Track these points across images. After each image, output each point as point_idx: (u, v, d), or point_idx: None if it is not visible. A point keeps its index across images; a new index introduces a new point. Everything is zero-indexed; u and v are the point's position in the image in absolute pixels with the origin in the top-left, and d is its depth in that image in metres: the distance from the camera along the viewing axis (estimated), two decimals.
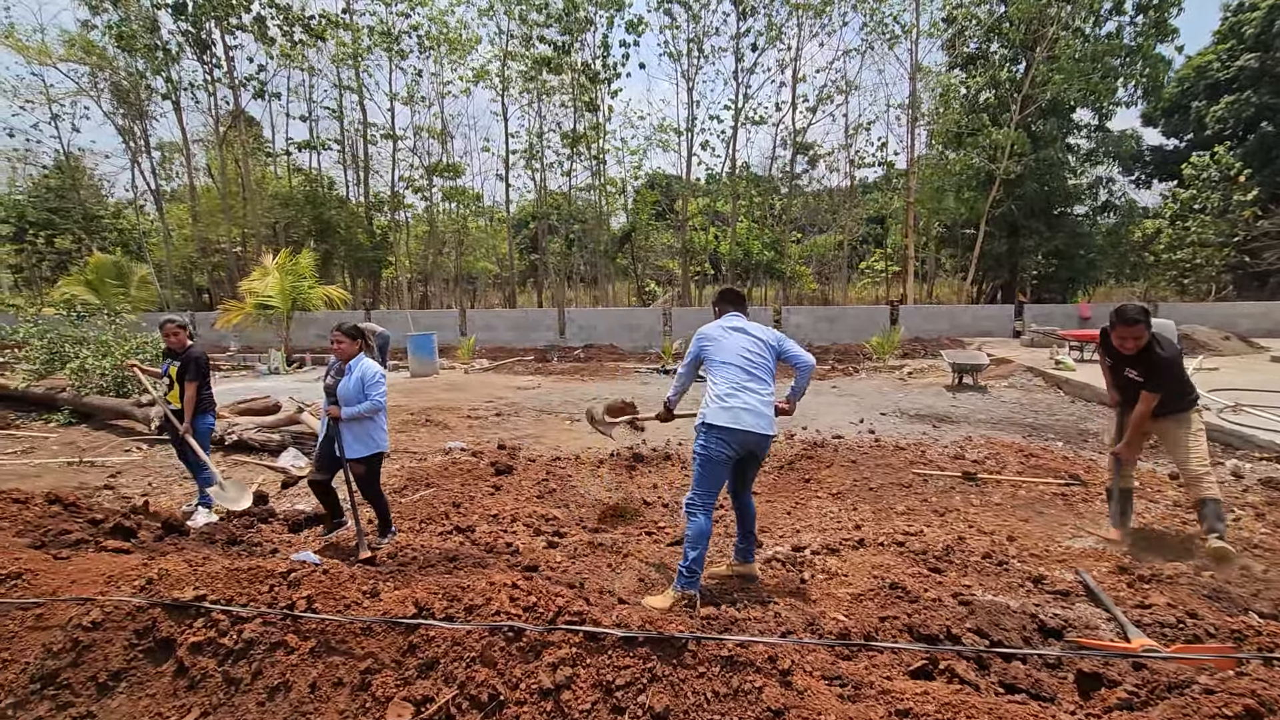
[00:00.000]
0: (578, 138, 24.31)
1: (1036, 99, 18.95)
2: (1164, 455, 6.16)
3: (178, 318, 5.26)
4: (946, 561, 3.85)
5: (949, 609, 3.05)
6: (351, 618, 2.48)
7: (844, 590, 3.52)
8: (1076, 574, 3.54)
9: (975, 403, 10.23)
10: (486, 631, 2.40)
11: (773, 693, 2.14)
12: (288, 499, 5.69)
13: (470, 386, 12.55)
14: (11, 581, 2.80)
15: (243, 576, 2.66)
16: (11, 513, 4.22)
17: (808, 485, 6.08)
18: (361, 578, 2.71)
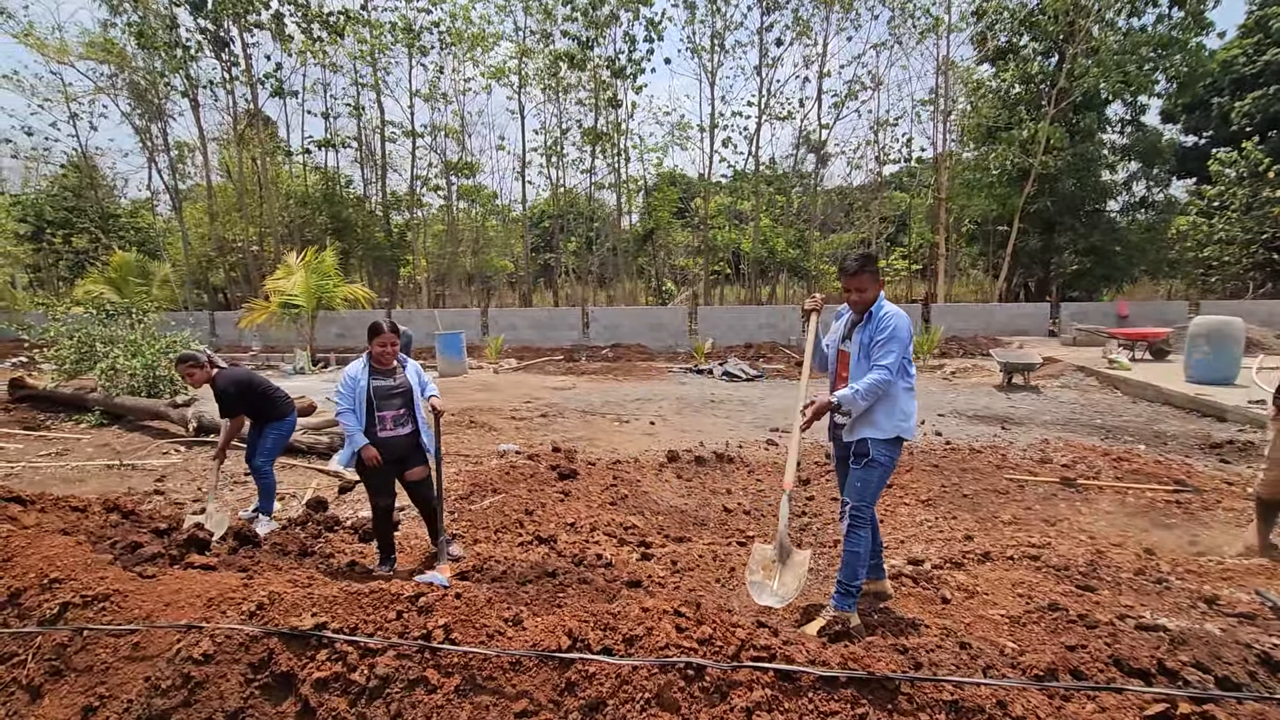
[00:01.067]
0: (600, 135, 24.00)
1: (1072, 93, 18.51)
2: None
3: (193, 355, 4.80)
4: (1095, 578, 3.51)
5: (1134, 636, 2.72)
6: (498, 650, 2.17)
7: (994, 611, 3.19)
8: (1257, 594, 3.20)
9: (1033, 403, 9.87)
10: (656, 668, 2.09)
11: None
12: (347, 505, 5.39)
13: (503, 387, 12.26)
14: (100, 604, 2.51)
15: (365, 601, 2.36)
16: (72, 521, 3.94)
17: (890, 490, 5.74)
18: (499, 603, 2.40)
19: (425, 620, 2.27)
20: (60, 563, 2.72)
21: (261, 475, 4.80)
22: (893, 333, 3.14)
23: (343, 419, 3.84)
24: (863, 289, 3.23)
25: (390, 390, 3.91)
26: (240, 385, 4.75)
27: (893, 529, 4.87)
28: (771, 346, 17.59)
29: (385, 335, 3.85)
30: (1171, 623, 2.89)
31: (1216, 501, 4.93)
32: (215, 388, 4.66)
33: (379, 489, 3.98)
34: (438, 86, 24.17)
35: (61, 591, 2.56)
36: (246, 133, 24.47)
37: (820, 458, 6.87)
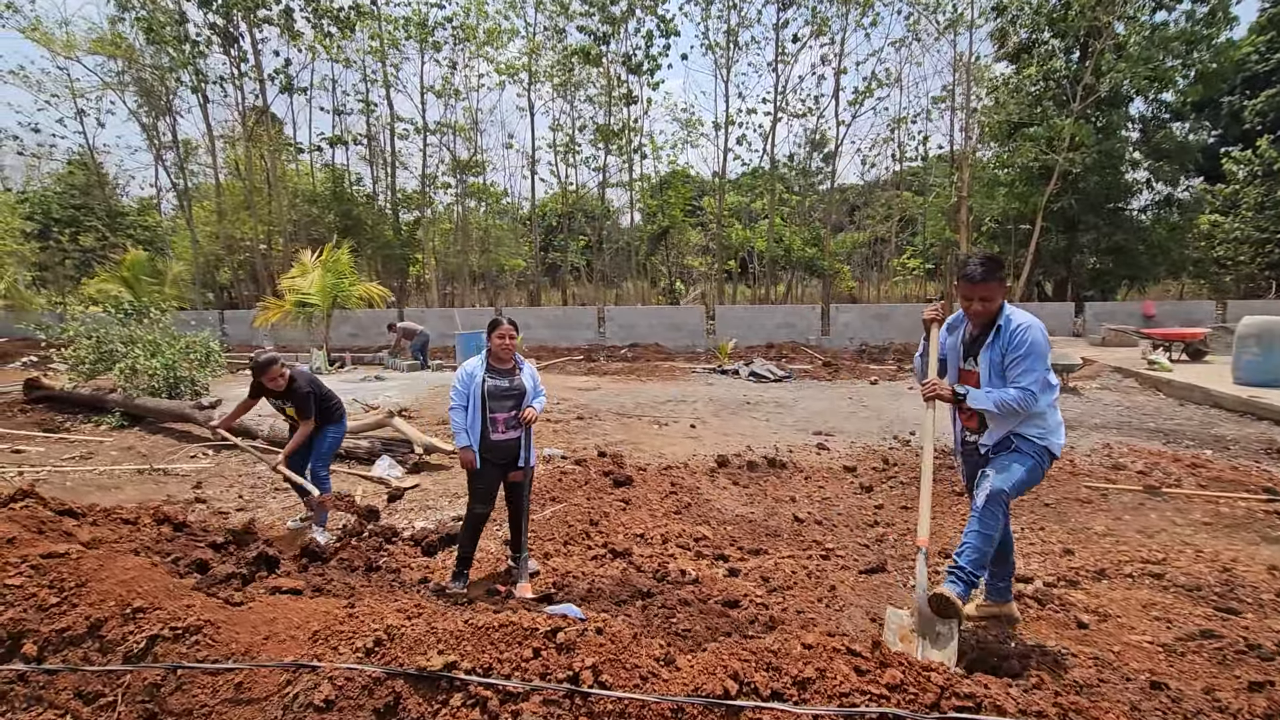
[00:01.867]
0: (615, 132, 23.74)
1: (1097, 89, 18.25)
2: None
3: (278, 356, 4.56)
4: (1234, 600, 3.27)
5: None
6: (658, 696, 1.93)
7: (1137, 637, 2.95)
8: None
9: (1078, 406, 9.63)
10: (844, 718, 1.84)
11: None
12: (400, 514, 5.15)
13: None
14: (191, 637, 2.26)
15: (496, 637, 2.11)
16: (124, 535, 3.69)
17: (962, 499, 5.49)
18: (645, 639, 2.15)
19: (569, 659, 2.03)
20: (140, 588, 2.47)
21: (321, 482, 4.57)
22: (1031, 347, 2.83)
23: (452, 415, 3.72)
24: (989, 298, 2.94)
25: (505, 391, 3.75)
26: (315, 385, 4.56)
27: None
28: (793, 347, 17.34)
29: (504, 327, 3.72)
30: None
31: None
32: (295, 388, 4.43)
33: (482, 495, 3.81)
34: (450, 82, 23.89)
35: (147, 622, 2.31)
36: (255, 129, 24.19)
37: (878, 463, 6.63)
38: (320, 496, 4.47)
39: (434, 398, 10.71)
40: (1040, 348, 2.85)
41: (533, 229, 28.78)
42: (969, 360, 3.10)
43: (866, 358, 15.69)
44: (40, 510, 3.33)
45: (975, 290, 2.94)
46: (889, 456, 6.79)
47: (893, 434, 8.01)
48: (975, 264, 2.98)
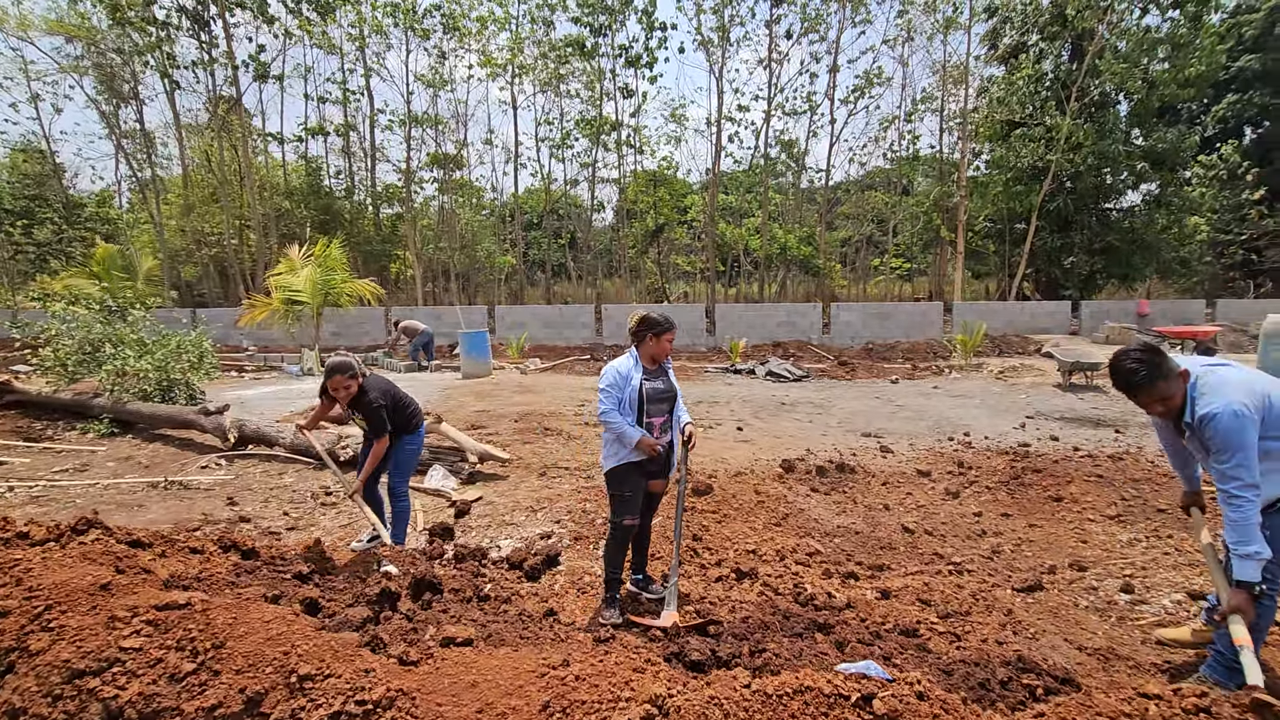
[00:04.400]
0: (612, 125, 23.27)
1: (1090, 90, 18.51)
2: None
3: (349, 363, 3.92)
4: None
5: None
6: None
7: None
8: None
9: (1109, 404, 9.57)
10: None
11: None
12: (476, 531, 4.65)
13: (542, 388, 11.50)
14: (386, 713, 1.79)
15: (793, 708, 1.69)
16: (196, 569, 3.15)
17: (1061, 505, 5.24)
18: (972, 705, 1.76)
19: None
20: (296, 647, 1.98)
21: (399, 498, 4.05)
22: (1224, 441, 2.38)
23: (607, 417, 3.31)
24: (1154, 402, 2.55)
25: (661, 394, 3.39)
26: (390, 395, 4.00)
27: (1103, 553, 4.35)
28: (799, 345, 17.15)
29: (671, 332, 3.34)
30: None
31: None
32: (366, 401, 3.88)
33: (631, 504, 3.38)
34: (439, 72, 23.06)
35: (321, 694, 1.83)
36: (228, 118, 22.99)
37: (951, 466, 6.35)
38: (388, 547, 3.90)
39: (446, 400, 10.13)
40: (1232, 439, 2.36)
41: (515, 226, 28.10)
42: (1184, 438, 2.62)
43: (875, 356, 15.57)
44: (111, 543, 2.78)
45: (1139, 401, 2.57)
46: (961, 459, 6.52)
47: (945, 435, 7.78)
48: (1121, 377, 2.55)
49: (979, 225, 21.97)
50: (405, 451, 4.14)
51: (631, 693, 1.79)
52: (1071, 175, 18.96)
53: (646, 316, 3.37)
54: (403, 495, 4.09)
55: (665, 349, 3.38)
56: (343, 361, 3.91)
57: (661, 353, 3.38)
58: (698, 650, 2.65)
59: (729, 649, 2.71)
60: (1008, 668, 2.44)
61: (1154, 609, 3.47)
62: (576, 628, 3.18)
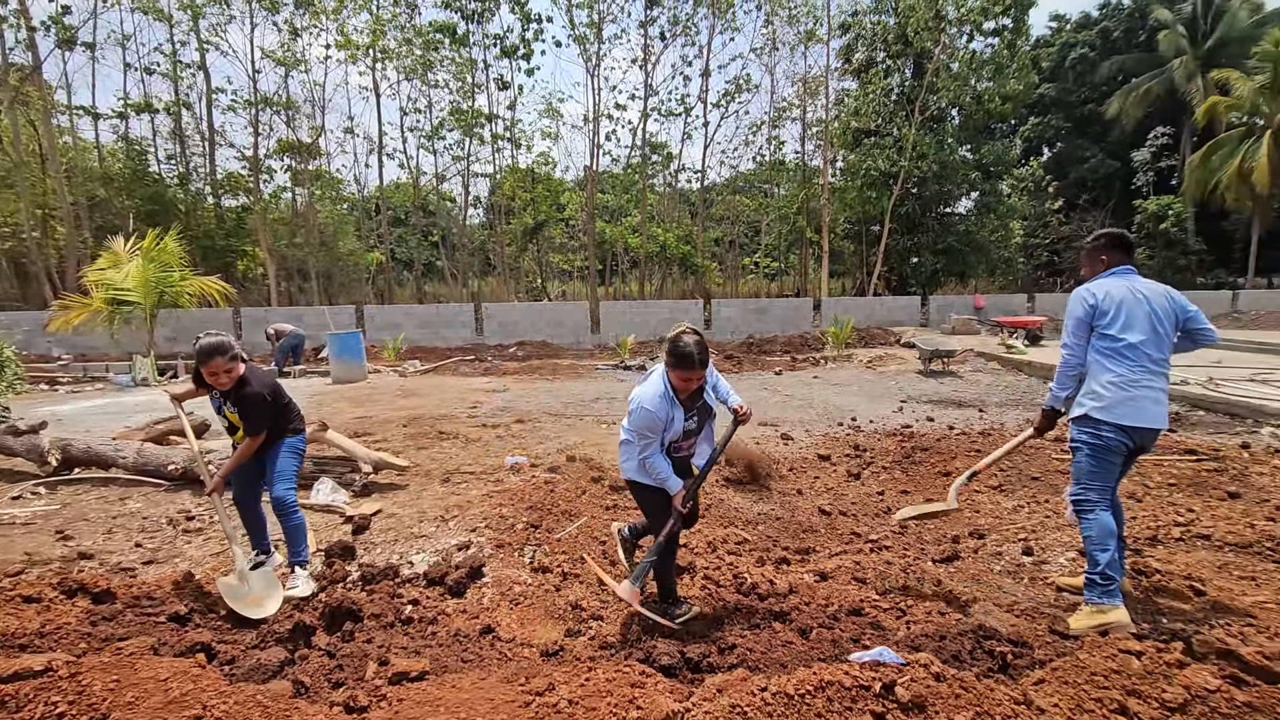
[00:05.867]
0: (487, 118, 22.41)
1: (930, 106, 20.52)
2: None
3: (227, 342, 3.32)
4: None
5: None
6: None
7: (1256, 598, 3.06)
8: None
9: (966, 386, 10.58)
10: None
11: None
12: (382, 548, 4.17)
13: (426, 391, 10.79)
14: None
15: (819, 706, 1.57)
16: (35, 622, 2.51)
17: (950, 479, 5.62)
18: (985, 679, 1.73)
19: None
20: (216, 709, 1.58)
21: (289, 510, 3.49)
22: (1068, 312, 3.15)
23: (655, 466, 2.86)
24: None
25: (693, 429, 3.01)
26: (272, 389, 3.46)
27: (995, 520, 4.72)
28: None
29: (694, 371, 2.74)
30: None
31: (1245, 468, 5.39)
32: (245, 391, 3.32)
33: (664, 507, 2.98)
34: (291, 50, 20.98)
35: None
36: (22, 89, 19.49)
37: (848, 450, 6.65)
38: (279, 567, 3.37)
39: (319, 408, 9.20)
40: (1072, 310, 3.13)
41: (382, 221, 26.33)
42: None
43: (756, 350, 16.20)
44: None
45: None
46: (856, 442, 6.85)
47: (835, 421, 8.17)
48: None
49: (839, 227, 23.64)
50: (287, 456, 3.60)
51: (640, 712, 1.60)
52: (918, 182, 20.95)
53: (675, 341, 2.78)
54: (292, 506, 3.53)
55: (687, 388, 2.82)
56: (219, 341, 3.30)
57: (684, 390, 2.84)
58: (666, 654, 2.48)
59: (698, 649, 2.58)
60: (967, 637, 2.51)
61: (1055, 567, 3.78)
62: (521, 644, 2.90)
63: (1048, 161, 38.89)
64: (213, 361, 3.26)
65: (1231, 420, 7.66)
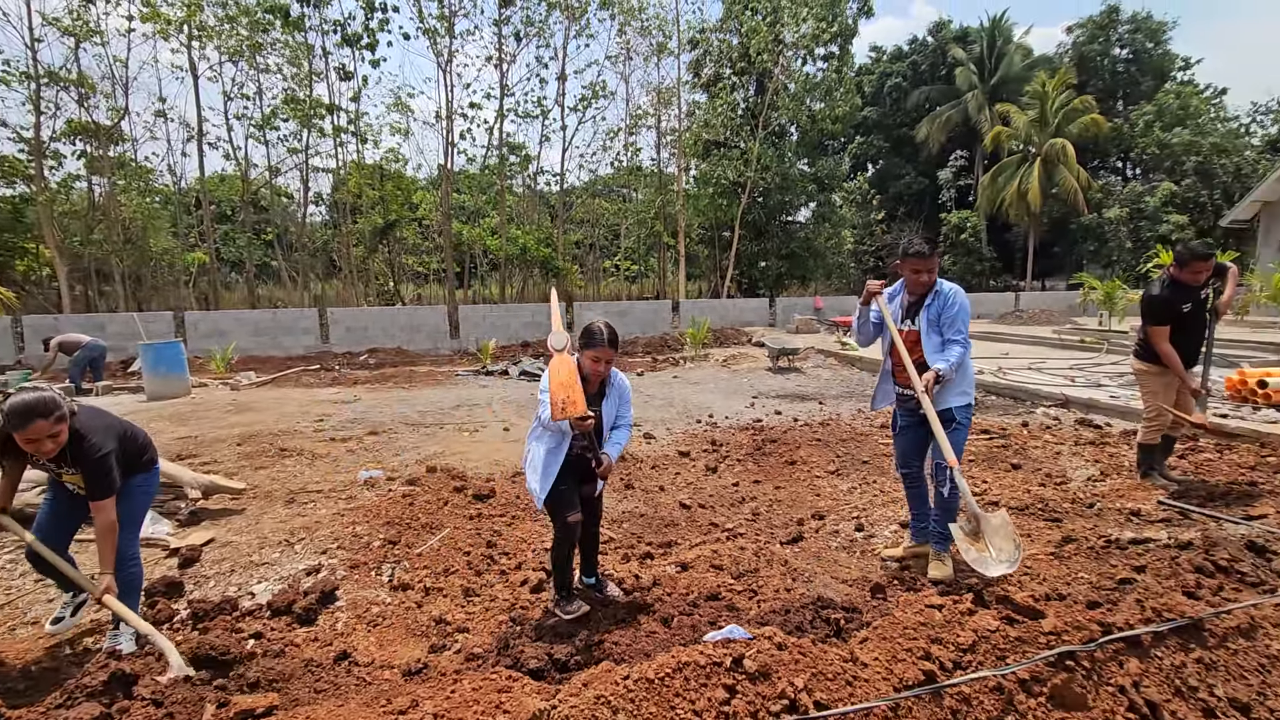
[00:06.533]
0: (328, 108, 20.78)
1: (772, 121, 22.11)
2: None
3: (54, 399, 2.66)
4: (1059, 513, 4.28)
5: (1158, 553, 3.40)
6: (879, 699, 1.76)
7: (1034, 549, 3.66)
8: (1160, 503, 4.25)
9: (810, 381, 11.53)
10: (1038, 664, 1.93)
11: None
12: (217, 580, 3.78)
13: (264, 405, 9.86)
14: None
15: (676, 686, 1.69)
16: None
17: (796, 467, 6.15)
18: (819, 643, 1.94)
19: (773, 687, 1.73)
20: None
21: (127, 562, 3.04)
22: (961, 308, 3.45)
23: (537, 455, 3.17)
24: (932, 269, 3.46)
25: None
26: (116, 433, 2.96)
27: (832, 500, 5.23)
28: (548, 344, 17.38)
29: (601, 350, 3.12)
30: (1154, 534, 3.69)
31: (1024, 443, 6.39)
32: (85, 450, 2.76)
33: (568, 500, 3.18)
34: (82, 18, 18.13)
35: None
36: None
37: (706, 445, 7.01)
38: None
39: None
40: (966, 307, 3.49)
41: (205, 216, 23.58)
42: (907, 321, 3.51)
43: (620, 351, 16.49)
44: None
45: (924, 264, 3.40)
46: (713, 438, 7.25)
47: (694, 418, 8.57)
48: (919, 243, 3.41)
49: (694, 232, 24.77)
50: (138, 497, 3.18)
51: (507, 715, 1.63)
52: (763, 192, 22.50)
53: (588, 326, 3.17)
54: (134, 559, 3.10)
55: (597, 369, 3.14)
56: (38, 399, 2.61)
57: (594, 374, 3.15)
58: (534, 658, 2.52)
59: (565, 649, 2.63)
60: (809, 609, 2.78)
61: (881, 540, 4.27)
62: (381, 666, 2.79)
63: (872, 177, 43.32)
64: (31, 427, 2.58)
65: (1016, 403, 9.00)
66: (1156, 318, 4.41)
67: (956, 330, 3.40)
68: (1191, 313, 4.38)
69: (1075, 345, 14.41)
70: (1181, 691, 1.97)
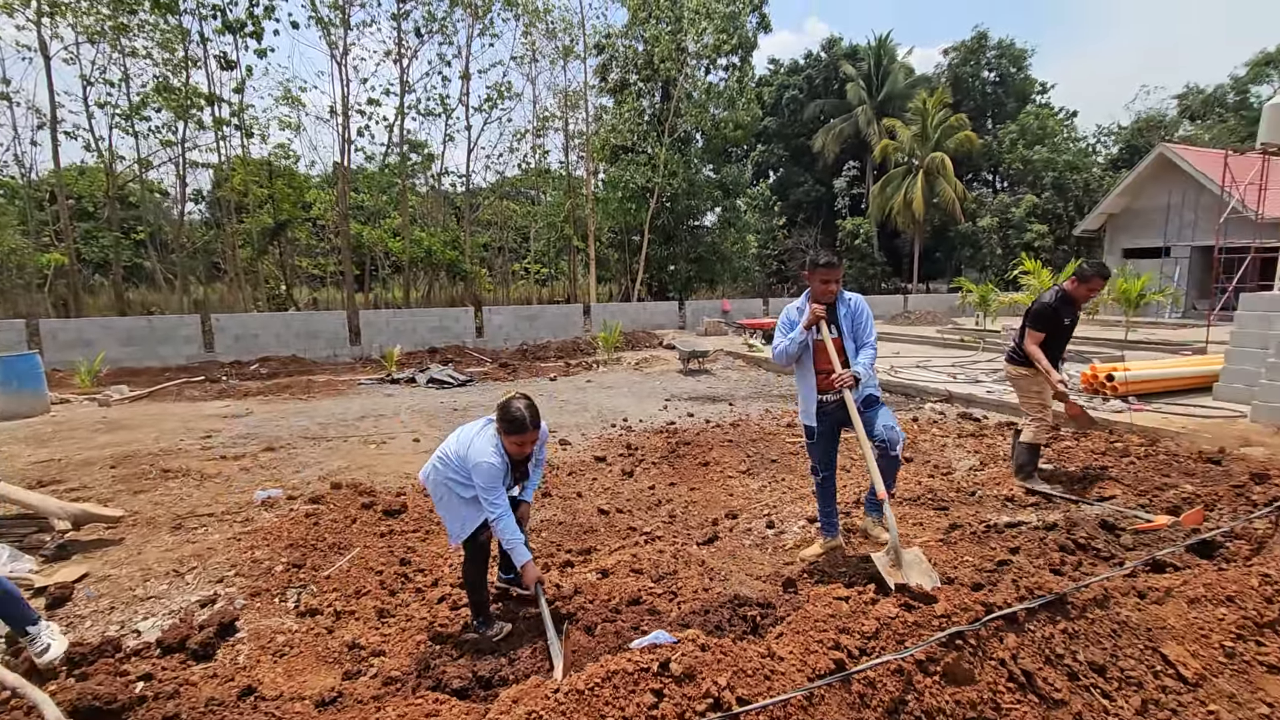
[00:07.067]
0: (208, 99, 19.17)
1: (678, 128, 22.59)
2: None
3: None
4: (945, 502, 4.65)
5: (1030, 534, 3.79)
6: (796, 690, 1.88)
7: (925, 536, 3.98)
8: (1028, 490, 4.72)
9: (721, 383, 11.89)
10: (934, 645, 2.12)
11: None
12: (95, 619, 3.45)
13: (141, 422, 9.02)
14: None
15: (607, 695, 1.74)
16: None
17: (709, 468, 6.34)
18: (738, 643, 2.04)
19: (698, 688, 1.81)
20: None
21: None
22: (869, 315, 3.76)
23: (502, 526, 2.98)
24: (839, 279, 3.68)
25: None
26: None
27: (745, 501, 5.45)
28: (456, 350, 16.92)
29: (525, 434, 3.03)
30: (1026, 517, 4.10)
31: (915, 438, 6.90)
32: None
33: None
34: None
35: None
36: None
37: (622, 449, 7.08)
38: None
39: None
40: (871, 313, 3.78)
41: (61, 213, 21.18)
42: (820, 332, 3.69)
43: (531, 356, 16.33)
44: None
45: (832, 274, 3.60)
46: (628, 442, 7.33)
47: (609, 423, 8.63)
48: (826, 255, 3.62)
49: (604, 236, 24.89)
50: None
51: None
52: (671, 197, 22.93)
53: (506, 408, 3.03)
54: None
55: (522, 452, 3.10)
56: None
57: (519, 455, 3.10)
58: (457, 677, 2.49)
59: (488, 666, 2.61)
60: (726, 608, 2.90)
61: (791, 535, 4.49)
62: (291, 698, 2.66)
63: (773, 184, 45.09)
64: None
65: (907, 399, 9.69)
66: (1041, 325, 4.80)
67: (868, 334, 3.67)
68: (1069, 325, 4.87)
69: (956, 344, 15.64)
70: (1051, 660, 2.23)
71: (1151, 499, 4.31)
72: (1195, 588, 2.71)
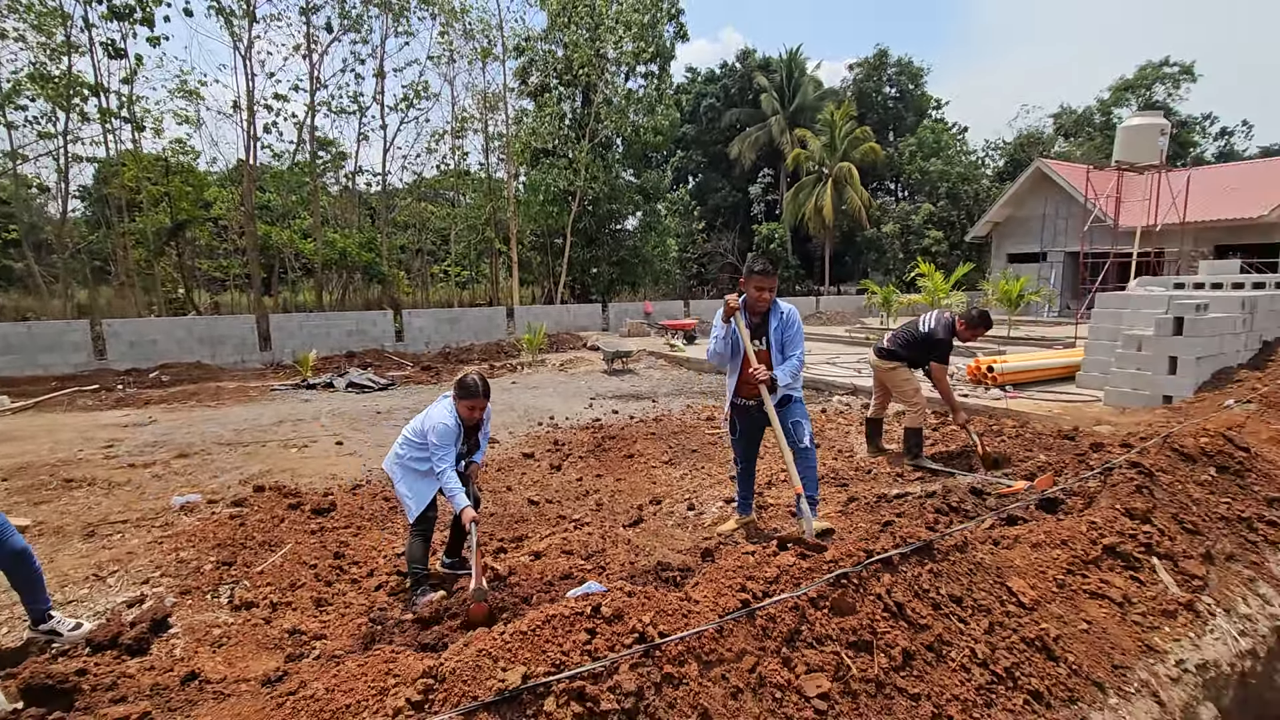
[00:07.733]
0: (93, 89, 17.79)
1: (599, 133, 22.92)
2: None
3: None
4: (865, 474, 5.17)
5: (919, 503, 4.32)
6: (709, 624, 2.21)
7: (825, 509, 4.44)
8: (915, 467, 5.31)
9: (644, 382, 12.27)
10: (824, 584, 2.50)
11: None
12: (7, 627, 3.36)
13: (31, 434, 8.42)
14: None
15: (547, 634, 2.00)
16: None
17: (634, 460, 6.68)
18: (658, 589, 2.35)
19: (625, 625, 2.11)
20: None
21: None
22: (799, 326, 4.04)
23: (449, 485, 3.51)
24: (774, 287, 3.96)
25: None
26: None
27: (668, 488, 5.81)
28: (376, 354, 16.51)
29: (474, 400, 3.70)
30: (912, 489, 4.65)
31: (823, 427, 7.49)
32: None
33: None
34: None
35: None
36: None
37: (549, 445, 7.31)
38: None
39: None
40: (801, 325, 4.09)
41: None
42: (757, 341, 4.00)
43: (453, 359, 16.17)
44: None
45: (767, 282, 3.89)
46: (555, 438, 7.56)
47: (536, 421, 8.82)
48: (762, 263, 3.93)
49: (526, 238, 24.88)
50: None
51: (397, 678, 1.83)
52: (592, 201, 23.23)
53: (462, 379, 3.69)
54: None
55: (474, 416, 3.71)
56: None
57: (470, 420, 3.71)
58: (405, 646, 2.67)
59: (431, 635, 2.81)
60: (650, 573, 3.22)
61: (710, 515, 4.87)
62: (236, 680, 2.76)
63: (692, 189, 46.23)
64: None
65: (817, 393, 10.37)
66: (944, 359, 5.45)
67: (796, 345, 4.00)
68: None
69: (862, 342, 16.73)
70: (918, 594, 2.67)
71: (1015, 469, 4.98)
72: (1038, 535, 3.26)
